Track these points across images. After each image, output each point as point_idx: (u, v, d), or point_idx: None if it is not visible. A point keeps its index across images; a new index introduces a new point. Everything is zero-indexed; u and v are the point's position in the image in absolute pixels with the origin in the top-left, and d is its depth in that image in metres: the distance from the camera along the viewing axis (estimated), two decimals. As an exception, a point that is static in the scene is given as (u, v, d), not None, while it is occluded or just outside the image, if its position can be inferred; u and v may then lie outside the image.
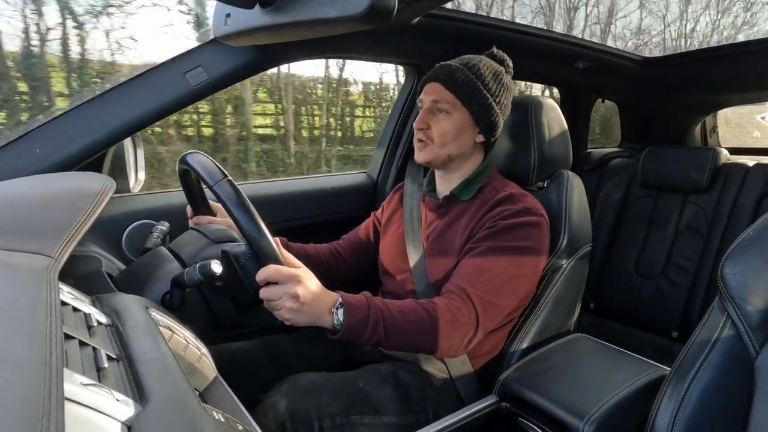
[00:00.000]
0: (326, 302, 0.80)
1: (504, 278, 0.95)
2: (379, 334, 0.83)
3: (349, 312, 0.81)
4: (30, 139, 0.97)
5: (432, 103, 1.05)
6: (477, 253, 0.96)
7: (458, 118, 1.04)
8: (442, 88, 1.03)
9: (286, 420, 0.84)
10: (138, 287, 0.81)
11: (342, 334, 0.81)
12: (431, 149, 1.06)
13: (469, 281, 0.93)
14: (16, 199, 0.66)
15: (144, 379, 0.45)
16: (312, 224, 1.53)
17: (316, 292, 0.79)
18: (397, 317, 0.85)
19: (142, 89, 1.03)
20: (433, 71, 1.07)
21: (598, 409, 0.85)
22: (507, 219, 0.98)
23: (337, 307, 0.81)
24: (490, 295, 0.92)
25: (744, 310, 0.69)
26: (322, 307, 0.80)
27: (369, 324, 0.82)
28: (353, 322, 0.81)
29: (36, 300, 0.45)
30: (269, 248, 0.79)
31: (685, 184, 1.93)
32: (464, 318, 0.89)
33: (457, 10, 1.35)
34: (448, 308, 0.88)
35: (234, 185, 0.80)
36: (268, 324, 0.90)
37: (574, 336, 1.13)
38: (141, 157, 1.28)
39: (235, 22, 0.92)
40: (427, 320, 0.86)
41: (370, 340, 0.83)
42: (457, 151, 1.06)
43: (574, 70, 1.85)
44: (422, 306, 0.88)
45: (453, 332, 0.88)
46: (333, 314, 0.81)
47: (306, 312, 0.78)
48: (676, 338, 1.85)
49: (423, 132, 1.05)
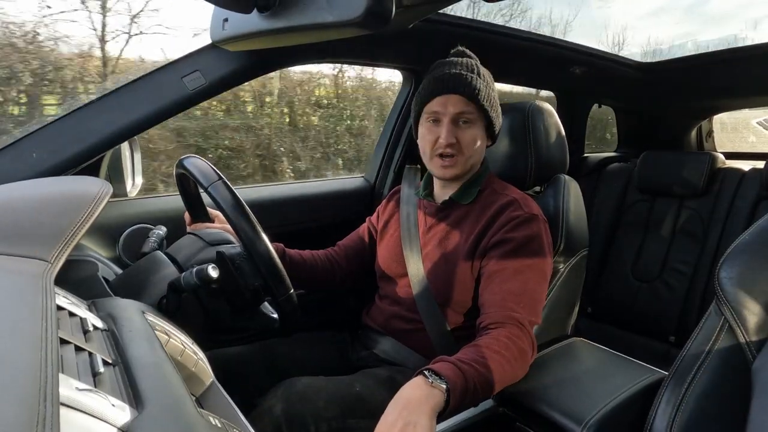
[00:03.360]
0: (419, 394, 0.71)
1: (537, 296, 0.96)
2: (477, 389, 0.77)
3: (449, 380, 0.74)
4: (27, 143, 0.97)
5: (456, 115, 1.02)
6: (508, 276, 0.95)
7: (480, 127, 1.04)
8: (463, 99, 1.01)
9: (282, 424, 0.84)
10: (134, 292, 0.81)
11: (452, 407, 0.73)
12: (460, 162, 1.04)
13: (514, 307, 0.91)
14: (12, 203, 0.65)
15: (140, 385, 0.44)
16: (309, 228, 1.53)
17: (409, 403, 0.70)
18: (482, 372, 0.78)
19: (139, 93, 1.03)
20: (448, 82, 1.01)
21: (596, 414, 0.85)
22: (517, 230, 0.98)
23: (430, 382, 0.73)
24: (533, 316, 0.93)
25: (741, 314, 0.69)
26: (422, 398, 0.71)
27: (468, 386, 0.75)
28: (456, 385, 0.74)
29: (32, 304, 0.44)
30: (264, 249, 0.79)
31: (681, 188, 1.93)
32: (525, 345, 0.88)
33: (454, 15, 1.36)
34: (512, 342, 0.85)
35: (229, 186, 0.80)
36: (265, 328, 0.90)
37: (571, 340, 1.13)
38: (138, 162, 1.28)
39: (233, 26, 0.93)
40: (502, 362, 0.82)
41: (472, 400, 0.78)
42: (476, 159, 1.07)
43: (571, 75, 1.86)
44: (495, 350, 0.83)
45: (524, 362, 0.88)
46: (434, 388, 0.72)
47: (420, 415, 0.69)
48: (673, 342, 1.86)
49: (452, 146, 1.02)
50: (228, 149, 3.19)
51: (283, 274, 0.83)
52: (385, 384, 0.98)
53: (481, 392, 0.78)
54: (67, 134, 0.99)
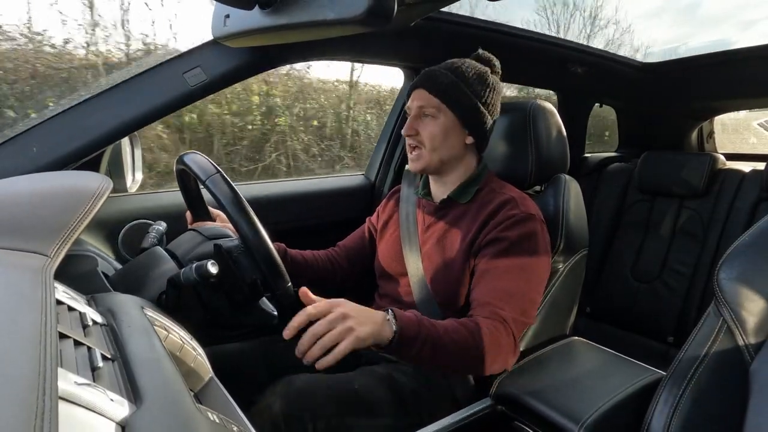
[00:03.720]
0: (376, 313, 0.78)
1: (528, 297, 0.96)
2: (427, 350, 0.80)
3: (402, 321, 0.79)
4: (27, 137, 0.97)
5: (418, 109, 1.06)
6: (498, 275, 0.96)
7: (444, 121, 1.04)
8: (426, 93, 1.04)
9: (281, 421, 0.84)
10: (134, 287, 0.81)
11: (395, 344, 0.78)
12: (423, 155, 1.06)
13: (499, 305, 0.92)
14: (12, 198, 0.65)
15: (139, 380, 0.44)
16: (310, 225, 1.53)
17: (361, 308, 0.77)
18: (443, 336, 0.83)
19: (140, 89, 1.03)
20: (418, 78, 1.08)
21: (594, 413, 0.85)
22: (512, 229, 0.98)
23: (388, 318, 0.79)
24: (520, 315, 0.93)
25: (739, 315, 0.69)
26: (375, 316, 0.78)
27: (419, 338, 0.80)
28: (408, 333, 0.79)
29: (31, 299, 0.44)
30: (261, 242, 0.78)
31: (681, 189, 1.93)
32: (504, 341, 0.88)
33: (455, 13, 1.36)
34: (491, 331, 0.87)
35: (226, 179, 0.80)
36: (264, 323, 0.90)
37: (570, 340, 1.14)
38: (138, 157, 1.28)
39: (234, 23, 0.92)
40: (472, 342, 0.85)
41: (418, 354, 0.80)
42: (448, 154, 1.07)
43: (573, 75, 1.85)
44: (466, 327, 0.86)
45: (497, 356, 0.88)
46: (389, 322, 0.79)
47: (365, 322, 0.75)
48: (672, 343, 1.86)
49: (413, 138, 1.06)
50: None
51: (280, 267, 0.82)
52: (384, 381, 0.98)
53: (430, 357, 0.81)
54: (67, 129, 0.99)
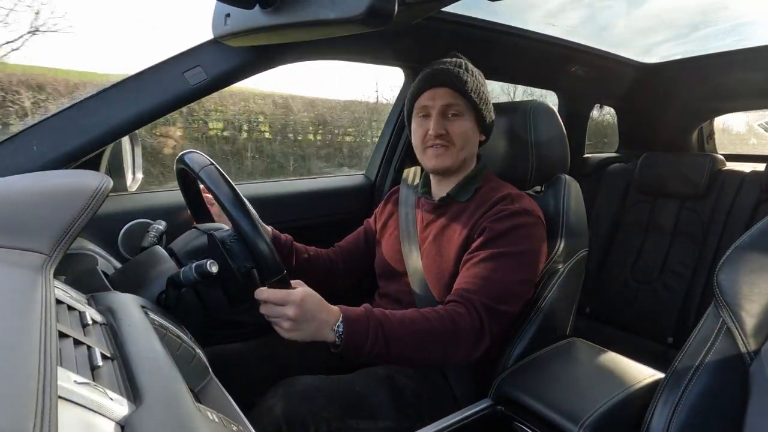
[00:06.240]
0: (325, 319, 0.80)
1: (505, 285, 0.94)
2: (380, 346, 0.81)
3: (349, 325, 0.80)
4: (27, 136, 0.97)
5: (444, 107, 1.04)
6: (477, 262, 0.96)
7: (470, 120, 1.06)
8: (451, 92, 1.03)
9: (282, 423, 0.84)
10: (134, 286, 0.81)
11: (343, 348, 0.80)
12: (451, 153, 1.05)
13: (469, 289, 0.92)
14: (12, 196, 0.65)
15: (138, 379, 0.44)
16: (310, 225, 1.53)
17: (313, 310, 0.78)
18: (396, 328, 0.84)
19: (140, 88, 1.03)
20: (436, 76, 1.04)
21: (593, 414, 0.85)
22: (502, 222, 0.98)
23: (338, 322, 0.80)
24: (493, 302, 0.91)
25: (739, 316, 0.69)
26: (320, 324, 0.79)
27: (369, 336, 0.81)
28: (354, 336, 0.80)
29: (31, 298, 0.44)
30: (253, 230, 0.78)
31: (681, 190, 1.93)
32: (466, 325, 0.88)
33: (455, 13, 1.36)
34: (449, 316, 0.87)
35: (219, 171, 0.80)
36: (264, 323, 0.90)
37: (569, 340, 1.13)
38: (139, 156, 1.28)
39: (235, 22, 0.92)
40: (428, 329, 0.85)
41: (371, 352, 0.81)
42: (470, 153, 1.08)
43: (573, 75, 1.85)
44: (422, 315, 0.87)
45: (455, 340, 0.87)
46: (334, 330, 0.80)
47: (304, 329, 0.78)
48: (671, 344, 1.86)
49: (442, 137, 1.04)
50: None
51: (274, 255, 0.80)
52: (385, 383, 0.98)
53: (385, 354, 0.83)
54: (68, 128, 0.99)
